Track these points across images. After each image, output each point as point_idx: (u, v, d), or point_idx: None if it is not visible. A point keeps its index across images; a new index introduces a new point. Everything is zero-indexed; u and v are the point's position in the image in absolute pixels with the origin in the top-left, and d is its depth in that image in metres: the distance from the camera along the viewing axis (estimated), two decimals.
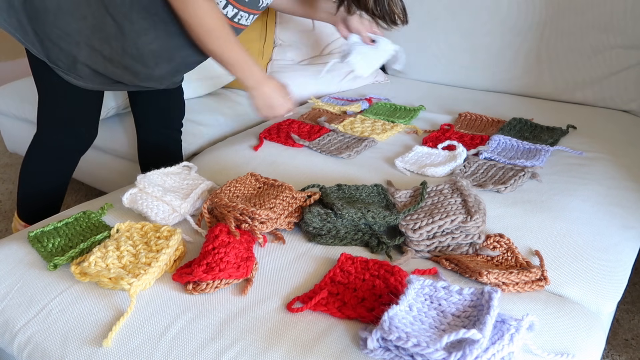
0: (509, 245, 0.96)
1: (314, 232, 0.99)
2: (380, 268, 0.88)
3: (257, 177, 1.12)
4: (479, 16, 1.85)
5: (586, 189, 1.16)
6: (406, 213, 1.00)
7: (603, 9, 1.65)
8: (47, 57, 1.16)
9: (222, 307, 0.83)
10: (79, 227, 1.03)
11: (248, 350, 0.74)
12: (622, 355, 1.39)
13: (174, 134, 1.49)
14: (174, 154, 1.49)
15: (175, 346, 0.76)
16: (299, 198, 1.03)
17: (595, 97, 1.74)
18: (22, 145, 2.03)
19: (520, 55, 1.82)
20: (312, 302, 0.81)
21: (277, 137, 1.45)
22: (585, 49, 1.71)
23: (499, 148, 1.36)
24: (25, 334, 0.82)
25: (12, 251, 0.98)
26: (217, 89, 1.85)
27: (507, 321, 0.71)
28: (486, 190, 1.15)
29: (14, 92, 1.93)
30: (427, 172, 1.24)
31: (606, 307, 0.90)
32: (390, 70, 2.15)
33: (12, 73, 3.65)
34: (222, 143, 1.50)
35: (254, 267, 0.90)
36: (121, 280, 0.83)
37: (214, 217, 1.03)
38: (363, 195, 1.07)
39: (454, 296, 0.75)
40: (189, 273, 0.86)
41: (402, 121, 1.57)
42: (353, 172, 1.26)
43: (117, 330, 0.78)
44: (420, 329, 0.70)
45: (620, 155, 1.34)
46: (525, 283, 0.87)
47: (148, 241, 0.94)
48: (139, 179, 1.08)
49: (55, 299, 0.85)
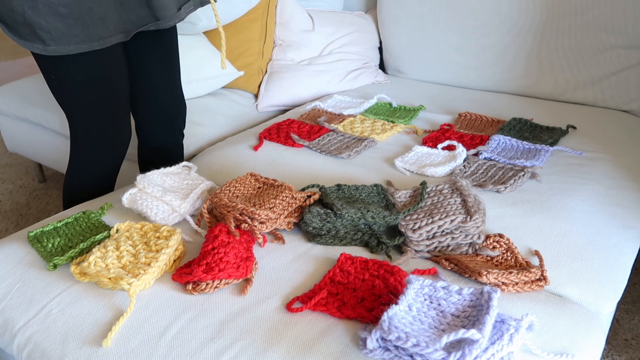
0: (508, 245, 0.96)
1: (314, 232, 0.99)
2: (380, 268, 0.88)
3: (257, 177, 1.12)
4: (479, 16, 1.85)
5: (586, 189, 1.16)
6: (406, 213, 1.00)
7: (603, 9, 1.65)
8: (11, 30, 1.06)
9: (221, 307, 0.83)
10: (79, 227, 1.03)
11: (248, 350, 0.74)
12: (622, 355, 1.39)
13: (177, 138, 1.48)
14: (175, 158, 1.49)
15: (174, 346, 0.76)
16: (298, 198, 1.03)
17: (595, 97, 1.74)
18: (22, 145, 2.03)
19: (521, 55, 1.82)
20: (312, 302, 0.81)
21: (277, 137, 1.45)
22: (585, 49, 1.71)
23: (498, 148, 1.36)
24: (25, 333, 0.82)
25: (12, 251, 0.98)
26: (217, 89, 1.85)
27: (506, 321, 0.71)
28: (486, 190, 1.15)
29: (14, 92, 1.93)
30: (426, 172, 1.24)
31: (606, 307, 0.90)
32: (390, 70, 2.16)
33: (12, 73, 3.66)
34: (222, 143, 1.50)
35: (254, 267, 0.90)
36: (121, 280, 0.83)
37: (214, 217, 1.03)
38: (363, 196, 1.07)
39: (454, 296, 0.75)
40: (189, 273, 0.86)
41: (402, 121, 1.57)
42: (353, 172, 1.26)
43: (116, 330, 0.78)
44: (420, 329, 0.70)
45: (620, 155, 1.34)
46: (525, 283, 0.87)
47: (148, 241, 0.94)
48: (139, 179, 1.09)
49: (55, 299, 0.85)
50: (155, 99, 1.35)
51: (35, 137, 1.93)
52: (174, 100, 1.40)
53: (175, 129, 1.44)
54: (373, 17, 2.16)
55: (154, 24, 1.15)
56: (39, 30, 1.04)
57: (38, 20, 1.03)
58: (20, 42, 1.07)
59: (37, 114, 1.83)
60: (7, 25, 1.06)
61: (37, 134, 1.92)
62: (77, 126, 1.24)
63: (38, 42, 1.06)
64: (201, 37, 1.81)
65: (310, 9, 2.07)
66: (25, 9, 1.02)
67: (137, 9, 1.12)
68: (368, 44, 2.10)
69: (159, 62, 1.32)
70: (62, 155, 1.89)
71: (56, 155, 1.92)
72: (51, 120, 1.80)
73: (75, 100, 1.19)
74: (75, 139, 1.26)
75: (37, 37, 1.05)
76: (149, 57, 1.29)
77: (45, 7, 1.02)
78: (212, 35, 1.84)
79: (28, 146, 2.01)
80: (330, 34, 2.03)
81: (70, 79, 1.14)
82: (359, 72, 1.99)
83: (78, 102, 1.19)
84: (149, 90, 1.33)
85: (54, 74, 1.15)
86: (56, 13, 1.03)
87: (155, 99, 1.35)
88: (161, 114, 1.38)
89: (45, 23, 1.04)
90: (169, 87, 1.37)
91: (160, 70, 1.33)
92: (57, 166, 1.97)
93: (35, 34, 1.05)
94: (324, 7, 2.17)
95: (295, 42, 1.99)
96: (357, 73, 1.99)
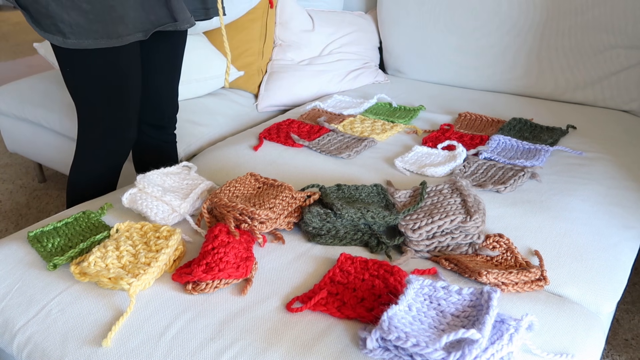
0: (508, 245, 0.96)
1: (314, 232, 0.99)
2: (380, 268, 0.88)
3: (257, 177, 1.12)
4: (480, 16, 1.85)
5: (586, 189, 1.16)
6: (406, 213, 1.00)
7: (603, 9, 1.65)
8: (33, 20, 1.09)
9: (221, 307, 0.83)
10: (79, 227, 1.03)
11: (247, 350, 0.74)
12: (622, 355, 1.39)
13: (171, 137, 1.48)
14: (170, 157, 1.49)
15: (174, 346, 0.76)
16: (298, 198, 1.03)
17: (595, 97, 1.74)
18: (22, 145, 2.03)
19: (521, 56, 1.82)
20: (312, 302, 0.81)
21: (277, 137, 1.45)
22: (585, 49, 1.71)
23: (498, 148, 1.36)
24: (24, 333, 0.82)
25: (11, 251, 0.98)
26: (217, 89, 1.85)
27: (506, 321, 0.71)
28: (486, 190, 1.15)
29: (14, 92, 1.93)
30: (426, 172, 1.24)
31: (606, 307, 0.90)
32: (390, 70, 2.16)
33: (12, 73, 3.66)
34: (222, 143, 1.50)
35: (254, 267, 0.90)
36: (121, 280, 0.83)
37: (214, 217, 1.03)
38: (363, 195, 1.07)
39: (453, 296, 0.75)
40: (189, 273, 0.86)
41: (402, 121, 1.57)
42: (353, 172, 1.26)
43: (116, 330, 0.78)
44: (420, 329, 0.70)
45: (620, 155, 1.34)
46: (525, 283, 0.87)
47: (147, 241, 0.94)
48: (139, 179, 1.09)
49: (55, 299, 0.85)
50: (154, 98, 1.36)
51: (35, 137, 1.94)
52: (172, 102, 1.41)
53: (170, 128, 1.45)
54: (373, 17, 2.16)
55: (172, 25, 1.18)
56: (60, 23, 1.07)
57: (60, 13, 1.06)
58: (40, 33, 1.10)
59: (37, 114, 1.83)
60: (30, 15, 1.09)
61: (37, 134, 1.92)
62: (85, 119, 1.26)
63: (58, 35, 1.09)
64: (201, 37, 1.81)
65: (310, 9, 2.07)
66: (49, 2, 1.05)
67: (157, 10, 1.15)
68: (368, 44, 2.10)
69: (165, 64, 1.33)
70: (62, 155, 1.89)
71: (56, 155, 1.92)
72: (51, 120, 1.80)
73: (87, 93, 1.21)
74: (83, 133, 1.28)
75: (58, 30, 1.08)
76: (157, 58, 1.31)
77: (69, 2, 1.05)
78: (213, 36, 1.84)
79: (28, 146, 2.01)
80: (330, 34, 2.03)
81: (84, 72, 1.17)
82: (359, 72, 1.99)
83: (89, 96, 1.21)
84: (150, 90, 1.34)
85: (69, 66, 1.17)
86: (78, 8, 1.06)
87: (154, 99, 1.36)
88: (159, 114, 1.39)
89: (67, 17, 1.07)
90: (169, 88, 1.38)
91: (164, 72, 1.34)
92: (57, 166, 1.97)
93: (57, 27, 1.08)
94: (324, 7, 2.17)
95: (295, 42, 1.99)
96: (357, 73, 1.99)
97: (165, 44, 1.30)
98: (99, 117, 1.24)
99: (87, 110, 1.24)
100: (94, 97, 1.21)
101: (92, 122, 1.25)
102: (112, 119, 1.25)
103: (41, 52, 1.86)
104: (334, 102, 1.78)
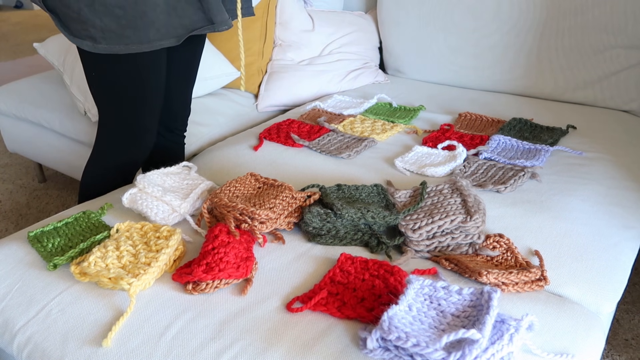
0: (508, 245, 0.96)
1: (314, 232, 0.99)
2: (380, 268, 0.88)
3: (257, 177, 1.12)
4: (479, 17, 1.85)
5: (586, 189, 1.16)
6: (406, 213, 1.00)
7: (603, 9, 1.65)
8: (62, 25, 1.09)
9: (221, 307, 0.83)
10: (79, 227, 1.03)
11: (248, 350, 0.74)
12: (622, 355, 1.39)
13: (181, 139, 1.48)
14: (178, 158, 1.49)
15: (174, 346, 0.76)
16: (298, 198, 1.03)
17: (595, 97, 1.74)
18: (22, 145, 2.03)
19: (521, 56, 1.82)
20: (312, 302, 0.81)
21: (277, 137, 1.45)
22: (585, 49, 1.71)
23: (498, 148, 1.36)
24: (25, 333, 0.82)
25: (12, 251, 0.98)
26: (217, 89, 1.85)
27: (506, 321, 0.71)
28: (486, 190, 1.15)
29: (14, 92, 1.93)
30: (426, 172, 1.24)
31: (606, 307, 0.90)
32: (390, 70, 2.16)
33: (12, 73, 3.66)
34: (222, 143, 1.51)
35: (254, 267, 0.90)
36: (121, 280, 0.83)
37: (214, 217, 1.03)
38: (363, 195, 1.07)
39: (454, 296, 0.75)
40: (189, 273, 0.86)
41: (402, 121, 1.57)
42: (353, 172, 1.26)
43: (116, 330, 0.78)
44: (420, 329, 0.70)
45: (620, 155, 1.34)
46: (525, 283, 0.87)
47: (148, 241, 0.94)
48: (139, 179, 1.09)
49: (55, 299, 0.85)
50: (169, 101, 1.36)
51: (35, 137, 1.94)
52: (186, 105, 1.41)
53: (181, 130, 1.45)
54: (373, 17, 2.16)
55: (209, 27, 1.16)
56: (92, 28, 1.06)
57: (93, 19, 1.05)
58: (69, 37, 1.09)
59: (37, 114, 1.83)
60: (59, 19, 1.08)
61: (37, 134, 1.92)
62: (107, 123, 1.25)
63: (88, 40, 1.08)
64: None
65: (310, 9, 2.07)
66: (82, 7, 1.04)
67: (191, 13, 1.13)
68: (368, 44, 2.10)
69: (184, 67, 1.33)
70: (62, 155, 1.89)
71: (56, 155, 1.92)
72: (51, 120, 1.80)
73: (111, 97, 1.20)
74: (102, 136, 1.27)
75: (88, 35, 1.07)
76: (177, 61, 1.31)
77: (102, 7, 1.04)
78: (213, 36, 1.84)
79: (28, 146, 2.01)
80: (330, 34, 2.03)
81: (110, 77, 1.16)
82: (359, 72, 1.99)
83: (113, 100, 1.20)
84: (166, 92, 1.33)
85: (94, 70, 1.16)
86: (111, 14, 1.05)
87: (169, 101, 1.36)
88: (172, 116, 1.40)
89: (100, 22, 1.06)
90: (184, 92, 1.38)
91: (182, 75, 1.34)
92: (57, 166, 1.97)
93: (87, 32, 1.07)
94: (324, 7, 2.17)
95: (295, 42, 1.99)
96: (357, 73, 1.99)
97: (186, 47, 1.29)
98: (121, 121, 1.23)
99: (110, 114, 1.23)
100: (117, 102, 1.20)
101: (113, 126, 1.24)
102: (134, 124, 1.24)
103: (41, 52, 1.86)
104: (334, 102, 1.78)
